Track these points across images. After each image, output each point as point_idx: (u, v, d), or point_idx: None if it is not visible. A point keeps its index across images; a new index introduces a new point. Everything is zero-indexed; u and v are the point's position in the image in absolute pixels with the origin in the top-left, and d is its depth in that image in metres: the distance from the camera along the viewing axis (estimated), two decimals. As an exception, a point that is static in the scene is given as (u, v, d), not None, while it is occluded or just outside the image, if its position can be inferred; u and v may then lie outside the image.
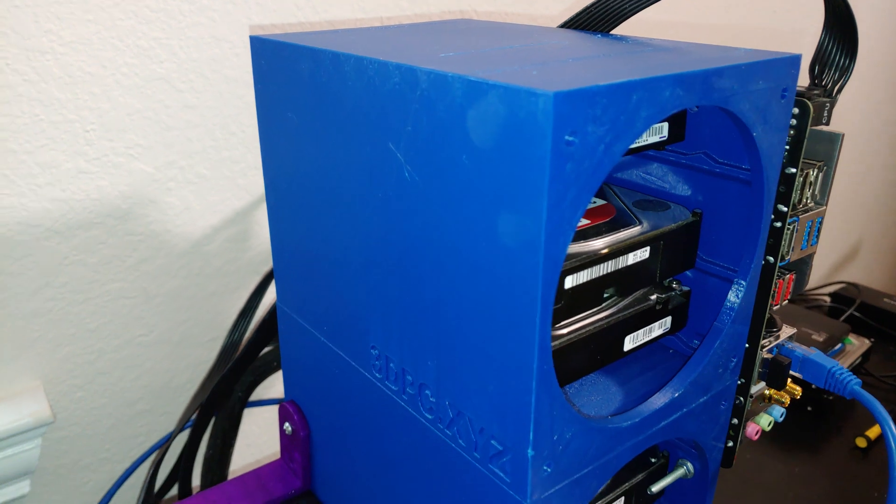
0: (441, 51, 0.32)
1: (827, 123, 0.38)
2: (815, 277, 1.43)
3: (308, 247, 0.40)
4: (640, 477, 0.40)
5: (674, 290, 0.37)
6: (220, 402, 0.58)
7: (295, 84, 0.36)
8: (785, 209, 0.36)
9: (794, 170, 0.36)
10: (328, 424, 0.44)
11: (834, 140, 0.38)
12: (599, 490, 0.38)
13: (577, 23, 0.42)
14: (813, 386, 0.78)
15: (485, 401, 0.30)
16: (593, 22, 0.41)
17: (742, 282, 0.35)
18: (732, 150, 0.35)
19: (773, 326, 0.42)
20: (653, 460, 0.41)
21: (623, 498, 0.39)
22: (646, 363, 0.39)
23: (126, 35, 0.56)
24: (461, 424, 0.32)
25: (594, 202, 0.37)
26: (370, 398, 0.38)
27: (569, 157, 0.24)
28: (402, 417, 0.36)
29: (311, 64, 0.35)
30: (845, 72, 0.38)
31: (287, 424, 0.47)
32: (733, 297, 0.36)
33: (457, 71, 0.27)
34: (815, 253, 0.40)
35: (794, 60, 0.32)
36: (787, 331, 0.42)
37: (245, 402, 0.64)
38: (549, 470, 0.29)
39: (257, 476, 0.49)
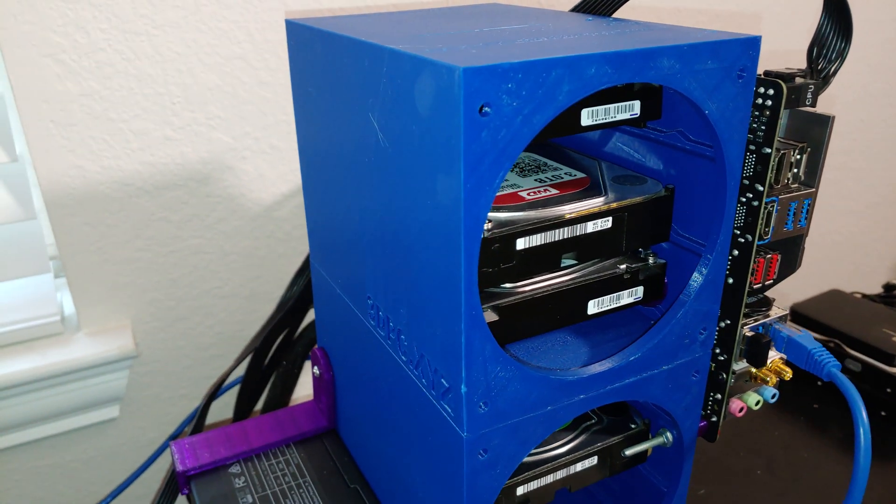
0: (429, 32, 0.36)
1: (812, 105, 0.38)
2: (930, 282, 1.33)
3: (325, 208, 0.45)
4: (615, 439, 0.42)
5: (646, 261, 0.39)
6: (270, 349, 0.65)
7: (313, 62, 0.41)
8: (761, 188, 0.37)
9: (768, 150, 0.37)
10: (346, 368, 0.50)
11: (824, 123, 0.38)
12: (571, 446, 0.41)
13: (584, 7, 0.44)
14: (888, 389, 0.75)
15: (436, 343, 0.34)
16: (598, 6, 0.43)
17: (709, 256, 0.37)
18: (701, 128, 0.36)
19: (763, 306, 0.42)
20: (633, 426, 0.43)
21: (597, 457, 0.41)
22: (622, 330, 0.41)
23: (208, 19, 0.63)
24: (423, 365, 0.36)
25: (572, 175, 0.40)
26: (368, 344, 0.43)
27: (484, 125, 0.27)
28: (388, 360, 0.40)
29: (322, 45, 0.40)
30: (840, 54, 0.38)
31: (315, 368, 0.53)
32: (699, 270, 0.37)
33: (412, 50, 0.30)
34: (805, 234, 0.41)
35: (751, 42, 0.33)
36: (777, 311, 0.42)
37: (306, 356, 0.71)
38: (485, 409, 0.33)
39: (291, 413, 0.55)
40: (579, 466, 0.41)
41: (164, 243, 0.68)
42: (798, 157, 0.38)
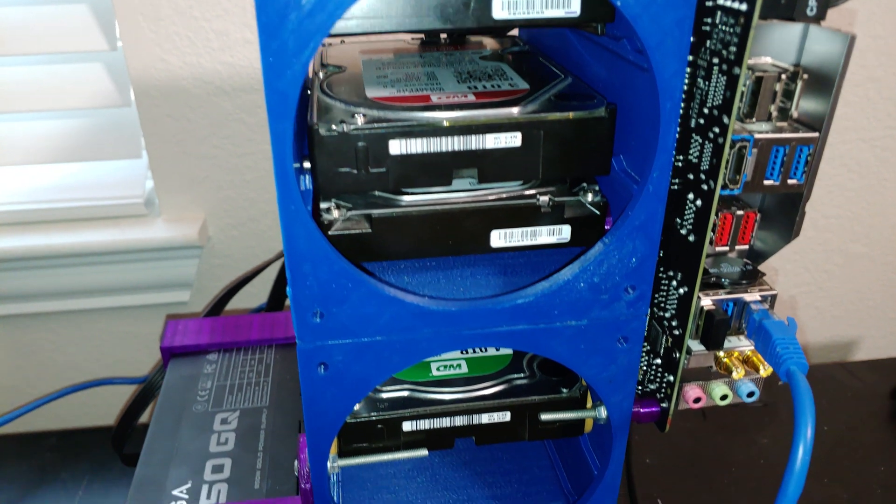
0: None
1: (817, 18, 0.29)
2: None
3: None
4: (534, 399, 0.37)
5: (580, 196, 0.33)
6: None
7: None
8: (727, 121, 0.29)
9: (737, 70, 0.28)
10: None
11: (837, 42, 0.29)
12: (481, 394, 0.37)
13: None
14: None
15: (292, 243, 0.31)
16: None
17: (639, 196, 0.30)
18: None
19: (746, 278, 0.34)
20: (564, 390, 0.37)
21: (510, 413, 0.37)
22: (556, 276, 0.35)
23: (291, -76, 0.63)
24: (299, 269, 0.33)
25: (514, 86, 0.34)
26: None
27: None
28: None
29: None
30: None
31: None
32: (626, 212, 0.30)
33: None
34: (804, 194, 0.31)
35: (688, -86, 0.25)
36: (763, 290, 0.34)
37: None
38: (320, 320, 0.30)
39: (286, 317, 0.55)
40: (486, 418, 0.36)
41: (240, 144, 0.71)
42: (788, 84, 0.30)
